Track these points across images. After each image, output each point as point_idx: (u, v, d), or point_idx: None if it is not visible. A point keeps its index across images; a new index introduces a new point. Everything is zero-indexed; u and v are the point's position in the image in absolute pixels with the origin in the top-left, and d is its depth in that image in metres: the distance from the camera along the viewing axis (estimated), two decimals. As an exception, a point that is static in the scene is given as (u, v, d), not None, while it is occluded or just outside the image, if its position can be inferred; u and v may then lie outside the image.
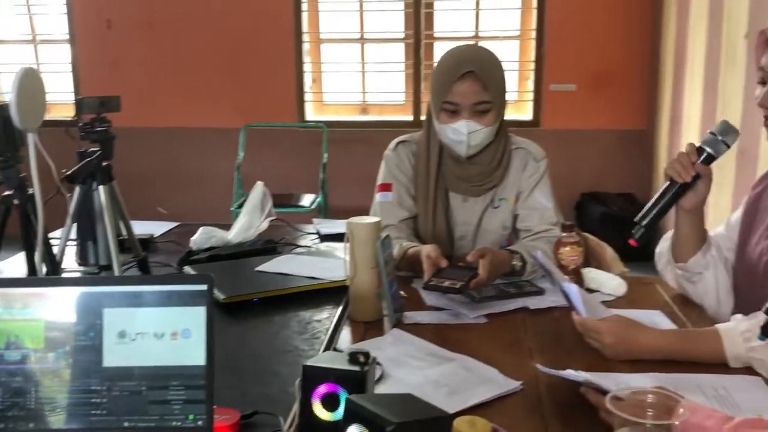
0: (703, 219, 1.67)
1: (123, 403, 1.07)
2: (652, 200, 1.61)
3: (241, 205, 4.05)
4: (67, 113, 3.52)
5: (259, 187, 2.22)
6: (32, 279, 1.48)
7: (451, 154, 2.00)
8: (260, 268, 1.88)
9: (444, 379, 1.31)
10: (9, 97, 1.30)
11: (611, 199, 5.03)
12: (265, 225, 2.20)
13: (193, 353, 1.07)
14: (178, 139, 5.17)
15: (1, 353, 1.07)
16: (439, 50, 5.28)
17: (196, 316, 1.08)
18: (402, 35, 5.30)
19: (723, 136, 1.56)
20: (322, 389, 0.97)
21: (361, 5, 5.27)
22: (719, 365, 1.38)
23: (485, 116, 1.92)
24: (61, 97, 5.05)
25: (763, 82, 1.55)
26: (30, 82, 1.35)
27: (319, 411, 0.97)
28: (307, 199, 4.53)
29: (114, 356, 1.08)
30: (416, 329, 1.56)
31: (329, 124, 5.01)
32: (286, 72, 5.23)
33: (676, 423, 0.96)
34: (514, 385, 1.30)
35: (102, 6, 5.19)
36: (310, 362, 1.01)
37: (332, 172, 4.73)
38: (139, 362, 1.07)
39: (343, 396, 0.95)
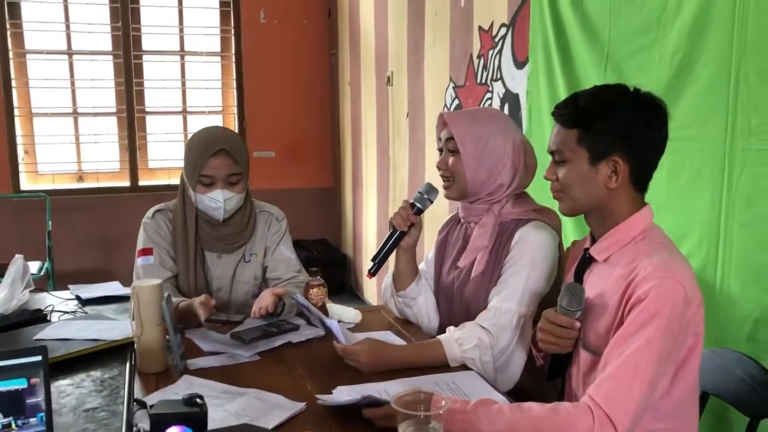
0: (415, 257, 1.92)
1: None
2: (381, 245, 1.82)
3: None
4: None
5: (19, 259, 2.04)
6: None
7: (206, 218, 2.05)
8: (39, 336, 1.73)
9: (243, 410, 1.35)
10: None
11: (310, 244, 5.32)
12: (26, 296, 2.02)
13: (33, 419, 1.02)
14: None
15: None
16: (151, 122, 5.18)
17: (33, 384, 1.03)
18: (115, 109, 5.10)
19: (428, 195, 1.81)
20: (172, 431, 0.99)
21: (72, 83, 4.97)
22: (444, 367, 1.62)
23: (237, 185, 2.00)
24: None
25: (440, 150, 1.85)
26: None
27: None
28: (34, 266, 4.11)
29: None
30: (203, 373, 1.57)
31: (50, 193, 4.61)
32: (-2, 144, 4.71)
33: (442, 412, 1.16)
34: (299, 406, 1.39)
35: None
36: (153, 411, 1.02)
37: (56, 238, 4.35)
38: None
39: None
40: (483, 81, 3.11)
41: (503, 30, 2.92)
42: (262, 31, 5.28)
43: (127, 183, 5.08)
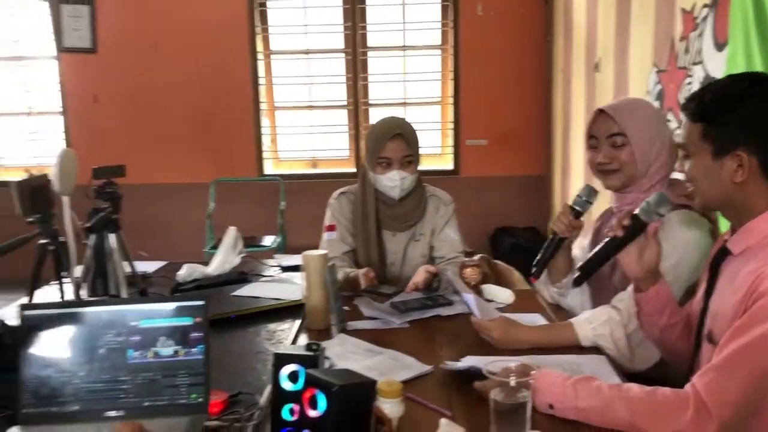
0: (571, 252, 1.96)
1: (144, 388, 1.31)
2: (543, 249, 1.86)
3: (213, 247, 4.25)
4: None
5: (232, 231, 2.47)
6: (81, 301, 1.68)
7: (384, 199, 2.29)
8: (235, 293, 2.12)
9: (375, 366, 1.56)
10: (52, 170, 1.54)
11: (518, 232, 5.39)
12: (237, 260, 2.43)
13: (195, 349, 1.32)
14: (156, 193, 5.34)
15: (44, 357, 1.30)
16: (374, 114, 5.61)
17: (197, 323, 1.33)
18: (345, 102, 5.62)
19: (588, 198, 1.82)
20: (288, 368, 1.22)
21: (308, 79, 5.58)
22: (575, 348, 1.67)
23: (410, 166, 2.23)
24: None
25: (593, 146, 1.86)
26: (67, 159, 1.58)
27: (285, 384, 1.22)
28: (268, 240, 4.75)
29: (136, 354, 1.31)
30: (356, 333, 1.81)
31: (285, 177, 5.26)
32: (247, 134, 5.48)
33: (531, 380, 1.25)
34: (427, 368, 1.56)
35: (90, 83, 5.38)
36: (278, 351, 1.26)
37: (288, 217, 4.96)
38: (156, 358, 1.31)
39: (302, 371, 1.20)
40: (683, 65, 2.96)
41: (705, 11, 2.75)
42: (479, 23, 5.42)
43: (353, 169, 5.59)
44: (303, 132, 5.68)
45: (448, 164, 5.60)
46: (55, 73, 5.41)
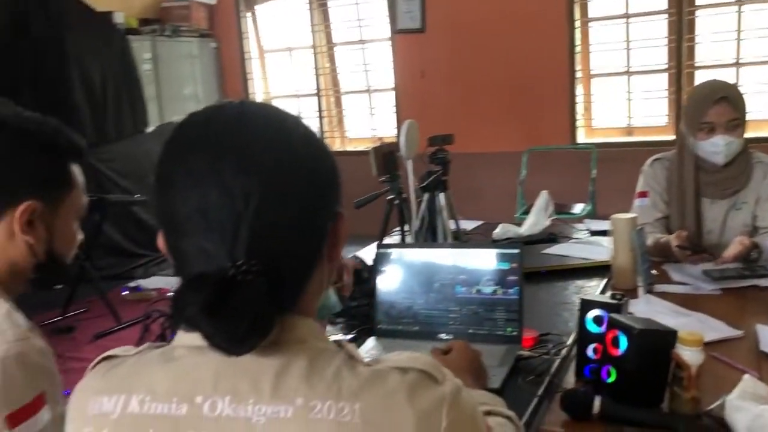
0: None
1: (468, 318, 1.58)
2: None
3: (524, 212, 4.48)
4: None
5: (544, 194, 2.65)
6: (422, 243, 2.05)
7: (704, 166, 2.26)
8: (546, 251, 2.31)
9: (681, 326, 1.59)
10: (401, 138, 1.90)
11: None
12: (548, 222, 2.62)
13: (511, 290, 1.55)
14: (474, 161, 5.76)
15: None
16: (700, 77, 5.26)
17: (513, 267, 1.55)
18: (665, 66, 5.37)
19: None
20: (593, 312, 1.38)
21: (627, 44, 5.45)
22: None
23: (736, 130, 2.17)
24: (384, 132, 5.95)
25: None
26: (411, 129, 1.93)
27: (590, 326, 1.37)
28: (578, 208, 4.83)
29: (463, 290, 1.59)
30: (663, 296, 1.87)
31: (598, 146, 5.26)
32: (561, 103, 5.58)
33: None
34: (737, 332, 1.58)
35: (418, 61, 5.97)
36: (585, 297, 1.42)
37: (599, 185, 4.97)
38: (478, 294, 1.57)
39: (606, 316, 1.35)
40: None
41: None
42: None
43: (672, 137, 5.34)
44: (618, 99, 5.58)
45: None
46: (389, 53, 6.11)
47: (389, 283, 1.64)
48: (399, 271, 1.64)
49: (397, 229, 2.26)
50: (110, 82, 5.30)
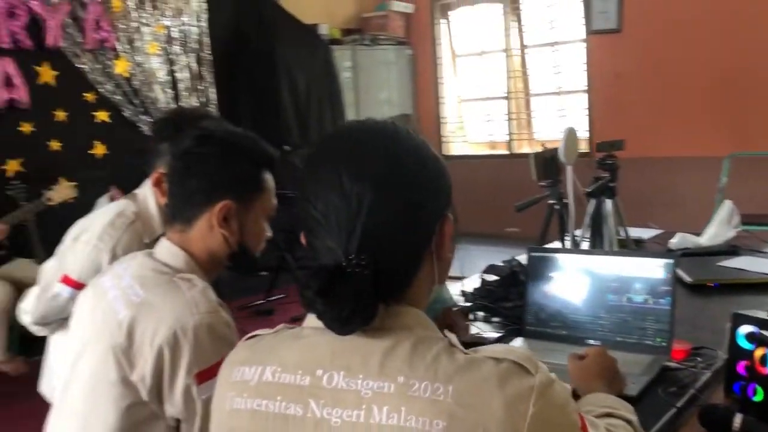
0: None
1: (617, 326, 1.59)
2: None
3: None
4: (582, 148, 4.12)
5: (727, 204, 2.51)
6: (573, 249, 2.08)
7: None
8: (722, 263, 2.19)
9: None
10: (560, 144, 1.93)
11: None
12: (732, 234, 2.47)
13: (662, 300, 1.54)
14: (671, 166, 5.45)
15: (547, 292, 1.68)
16: None
17: (666, 277, 1.54)
18: None
19: None
20: (746, 328, 1.33)
21: None
22: None
23: None
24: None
25: None
26: (571, 136, 1.96)
27: (742, 342, 1.33)
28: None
29: (613, 297, 1.60)
30: None
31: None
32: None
33: None
34: None
35: (612, 61, 5.78)
36: (739, 311, 1.37)
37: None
38: (628, 303, 1.58)
39: (758, 332, 1.30)
40: None
41: None
42: None
43: None
44: None
45: None
46: (582, 54, 5.98)
47: (540, 286, 1.70)
48: (550, 276, 1.69)
49: (558, 237, 2.28)
50: (314, 89, 5.78)
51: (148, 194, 1.75)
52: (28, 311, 1.81)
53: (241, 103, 5.43)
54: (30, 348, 3.09)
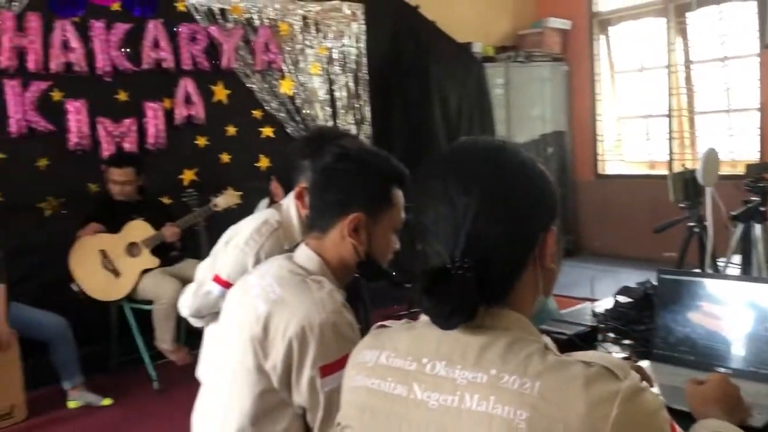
0: None
1: (752, 356, 1.52)
2: None
3: None
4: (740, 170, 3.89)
5: None
6: (701, 273, 2.00)
7: None
8: None
9: None
10: (699, 165, 1.87)
11: None
12: None
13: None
14: None
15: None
16: None
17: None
18: None
19: None
20: None
21: None
22: None
23: None
24: (743, 156, 5.45)
25: None
26: (711, 157, 1.89)
27: None
28: None
29: (751, 326, 1.53)
30: None
31: None
32: None
33: None
34: None
35: None
36: None
37: None
38: (766, 332, 1.51)
39: None
40: None
41: None
42: None
43: None
44: None
45: None
46: (755, 70, 5.58)
47: (670, 309, 1.66)
48: (681, 299, 1.65)
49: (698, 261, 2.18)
50: (465, 105, 5.87)
51: (291, 205, 1.92)
52: (185, 305, 2.03)
53: (394, 120, 5.64)
54: (193, 339, 3.41)
